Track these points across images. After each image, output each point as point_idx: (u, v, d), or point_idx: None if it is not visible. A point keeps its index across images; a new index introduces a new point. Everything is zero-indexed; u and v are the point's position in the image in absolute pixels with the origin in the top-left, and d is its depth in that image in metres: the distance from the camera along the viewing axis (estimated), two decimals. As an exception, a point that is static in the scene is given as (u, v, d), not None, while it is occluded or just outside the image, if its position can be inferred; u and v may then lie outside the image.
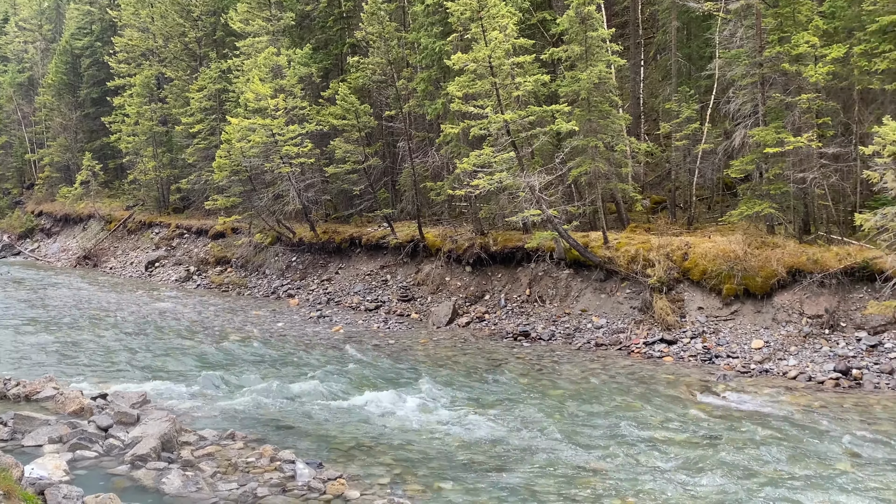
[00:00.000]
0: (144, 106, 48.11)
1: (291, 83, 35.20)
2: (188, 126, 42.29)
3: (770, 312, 20.90)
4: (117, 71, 52.15)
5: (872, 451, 13.59)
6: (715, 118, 27.91)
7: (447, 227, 30.90)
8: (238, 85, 37.44)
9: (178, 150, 46.02)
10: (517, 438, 14.54)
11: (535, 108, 24.22)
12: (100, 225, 51.71)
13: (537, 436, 14.68)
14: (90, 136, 60.10)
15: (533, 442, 14.34)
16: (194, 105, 42.04)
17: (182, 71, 47.29)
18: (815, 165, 22.24)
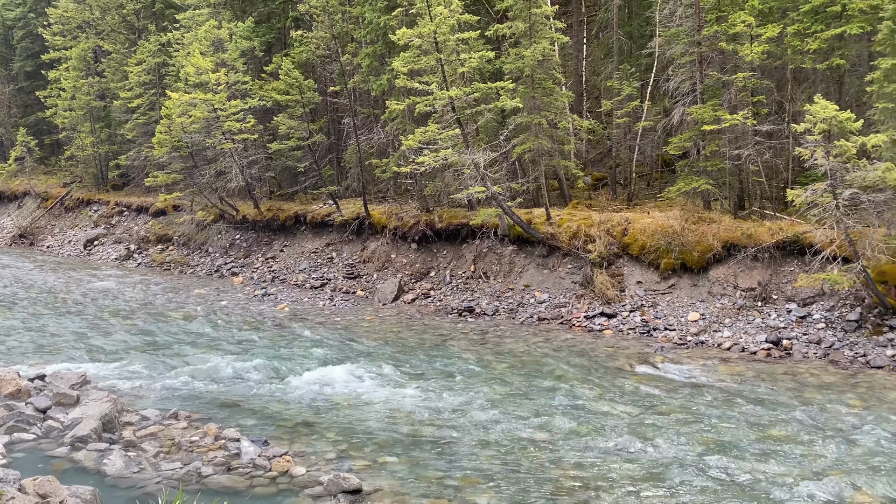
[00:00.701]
0: (81, 80, 46.52)
1: (233, 57, 34.51)
2: (127, 101, 41.15)
3: (706, 286, 21.51)
4: (52, 43, 50.26)
5: (800, 417, 14.13)
6: (655, 96, 28.37)
7: (393, 204, 30.83)
8: (178, 59, 36.55)
9: (117, 126, 44.76)
10: (462, 412, 14.72)
11: (479, 84, 24.27)
12: (36, 202, 50.05)
13: (482, 409, 14.88)
14: (24, 110, 58.03)
15: (477, 415, 14.54)
16: (133, 79, 40.90)
17: (120, 44, 45.91)
18: (750, 143, 22.83)
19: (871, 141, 17.47)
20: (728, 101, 23.33)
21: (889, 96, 19.73)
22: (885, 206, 17.90)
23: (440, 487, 11.48)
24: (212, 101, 31.41)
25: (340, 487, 11.12)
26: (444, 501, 11.03)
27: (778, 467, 11.88)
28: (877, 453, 12.34)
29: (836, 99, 21.91)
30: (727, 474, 11.67)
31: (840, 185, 17.59)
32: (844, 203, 17.65)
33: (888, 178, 17.19)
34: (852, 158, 17.38)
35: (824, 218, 18.03)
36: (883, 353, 17.42)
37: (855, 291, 18.76)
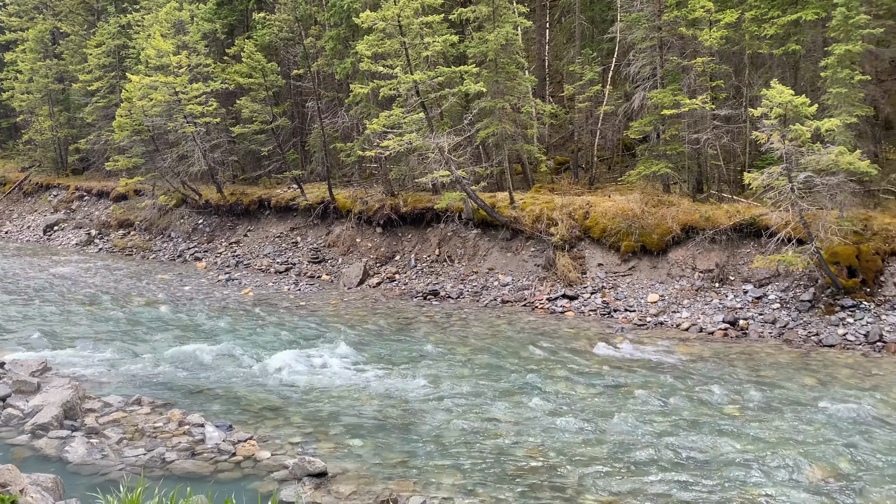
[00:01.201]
0: (39, 62, 45.38)
1: (195, 39, 33.94)
2: (86, 84, 40.30)
3: (665, 268, 21.82)
4: (8, 24, 48.94)
5: (756, 396, 14.43)
6: (616, 81, 28.54)
7: (358, 188, 30.67)
8: (139, 41, 35.86)
9: (76, 109, 43.85)
10: (426, 394, 14.78)
11: (444, 68, 24.19)
12: (-7, 187, 48.93)
13: (446, 391, 14.95)
14: (-21, 94, 56.50)
15: (442, 397, 14.60)
16: (92, 62, 40.04)
17: (79, 25, 44.88)
18: (709, 127, 23.12)
19: (825, 125, 17.81)
20: (687, 86, 23.58)
21: (842, 81, 20.12)
22: (837, 188, 18.26)
23: (405, 469, 11.54)
24: (173, 84, 30.90)
25: (306, 471, 11.12)
26: (409, 483, 11.07)
27: (735, 444, 12.12)
28: (830, 429, 12.66)
29: (792, 84, 22.27)
30: (686, 452, 11.88)
31: (795, 168, 17.89)
32: (799, 186, 17.96)
33: (841, 162, 17.54)
34: (807, 142, 17.68)
35: (780, 201, 18.34)
36: (835, 332, 17.85)
37: (809, 272, 19.17)
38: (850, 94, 20.22)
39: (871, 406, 13.57)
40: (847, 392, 14.44)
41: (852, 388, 14.68)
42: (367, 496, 10.62)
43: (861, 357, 16.75)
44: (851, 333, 17.71)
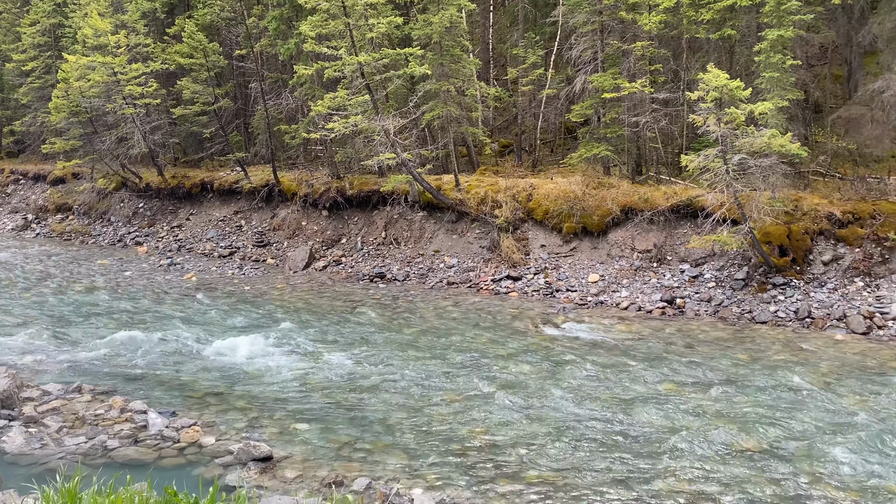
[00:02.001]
0: (-32, 41, 43.63)
1: (134, 18, 32.98)
2: (20, 64, 38.86)
3: (605, 248, 22.19)
4: (-67, 1, 46.77)
5: (692, 372, 14.84)
6: (558, 64, 28.72)
7: (303, 171, 30.33)
8: (75, 20, 34.66)
9: (10, 90, 42.27)
10: (373, 376, 14.80)
11: (388, 50, 24.00)
12: (-78, 171, 46.90)
13: (393, 372, 15.00)
14: None
15: (388, 379, 14.65)
16: (27, 41, 38.61)
17: (11, 3, 43.12)
18: (648, 110, 23.46)
19: (758, 109, 18.21)
20: (627, 70, 23.87)
21: (775, 66, 20.59)
22: (770, 170, 18.76)
23: (351, 451, 11.57)
24: (112, 65, 30.01)
25: (251, 455, 11.06)
26: (355, 465, 11.11)
27: (672, 419, 12.46)
28: (761, 403, 13.09)
29: (728, 68, 22.69)
30: (625, 427, 12.17)
31: (730, 150, 18.29)
32: (734, 168, 18.39)
33: (773, 144, 18.00)
34: (741, 125, 18.07)
35: (715, 182, 18.75)
36: (767, 310, 18.43)
37: (742, 252, 19.71)
38: (782, 78, 20.72)
39: (799, 379, 14.07)
40: (778, 367, 14.95)
41: (783, 363, 15.19)
42: (313, 479, 10.64)
43: (791, 333, 17.34)
44: (782, 310, 18.31)
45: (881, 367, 14.85)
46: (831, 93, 26.63)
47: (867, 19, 24.84)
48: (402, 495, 10.16)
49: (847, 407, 12.79)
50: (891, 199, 20.01)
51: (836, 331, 17.24)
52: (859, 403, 12.92)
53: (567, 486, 10.31)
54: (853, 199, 20.36)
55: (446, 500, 10.06)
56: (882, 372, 14.59)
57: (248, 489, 9.86)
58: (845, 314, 17.59)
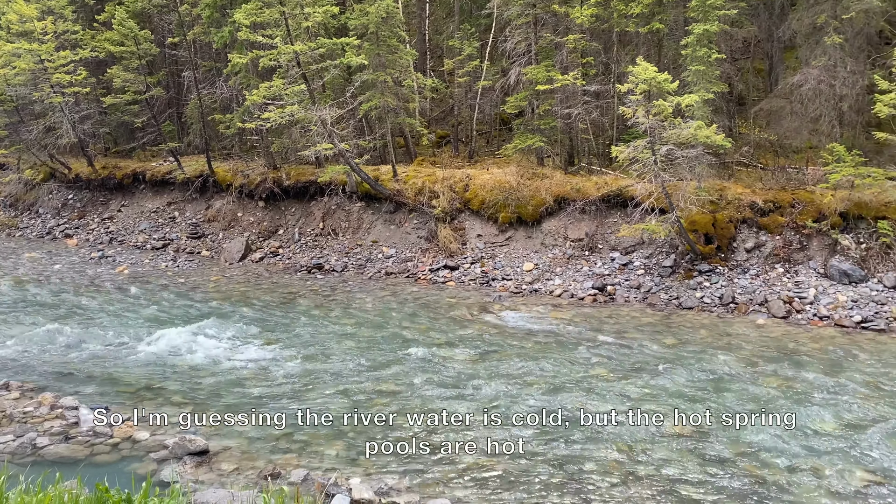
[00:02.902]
0: None
1: (61, 4, 31.74)
2: (-62, 50, 36.98)
3: (539, 237, 22.53)
4: None
5: (622, 356, 15.25)
6: (494, 56, 28.91)
7: (238, 161, 29.83)
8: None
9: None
10: (311, 368, 14.73)
11: (325, 40, 23.76)
12: None
13: (330, 363, 14.96)
14: None
15: (326, 370, 14.61)
16: (-57, 26, 36.75)
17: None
18: (580, 102, 23.86)
19: (685, 101, 18.71)
20: (560, 62, 24.20)
21: (701, 59, 21.17)
22: (696, 161, 19.30)
23: (289, 443, 11.51)
24: (38, 52, 28.89)
25: (186, 450, 10.91)
26: (292, 456, 11.07)
27: (602, 403, 12.78)
28: (688, 386, 13.52)
29: (656, 61, 23.26)
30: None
31: (658, 141, 18.74)
32: (662, 158, 18.87)
33: (699, 136, 18.52)
34: (669, 117, 18.53)
35: (644, 173, 19.21)
36: (693, 296, 19.02)
37: (670, 240, 20.27)
38: (707, 71, 21.32)
39: (724, 363, 14.60)
40: (704, 351, 15.47)
41: (708, 347, 15.72)
42: (251, 472, 10.56)
43: (716, 318, 17.94)
44: (708, 296, 18.93)
45: (800, 350, 15.52)
46: (754, 86, 27.53)
47: (787, 15, 25.71)
48: (340, 485, 10.18)
49: (768, 388, 13.32)
50: (808, 188, 20.85)
51: (758, 315, 17.92)
52: (780, 385, 13.46)
53: (502, 469, 10.49)
54: (774, 188, 21.15)
55: (384, 488, 10.13)
56: (800, 354, 15.24)
57: (184, 483, 9.76)
58: (767, 299, 18.29)
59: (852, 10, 22.15)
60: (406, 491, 10.07)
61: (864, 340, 16.09)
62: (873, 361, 14.68)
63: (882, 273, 18.40)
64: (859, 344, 15.83)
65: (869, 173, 19.10)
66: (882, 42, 24.94)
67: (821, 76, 22.58)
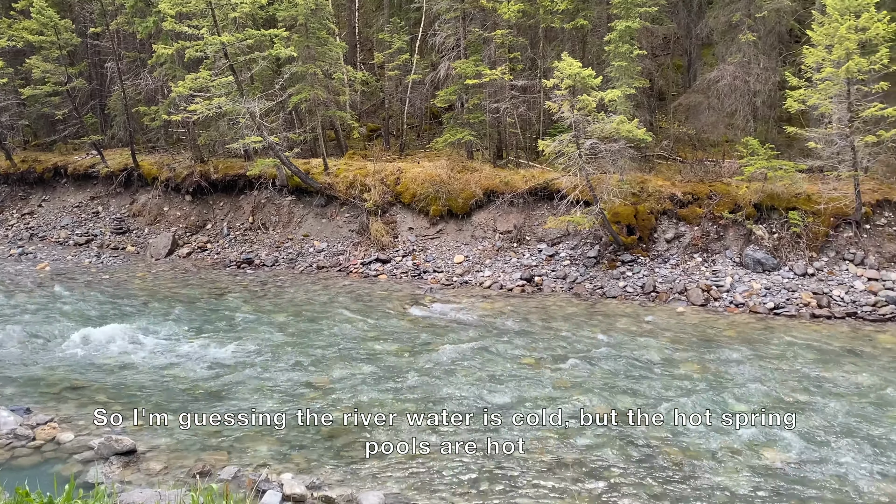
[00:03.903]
0: None
1: (-28, -8, 30.31)
2: None
3: (469, 230, 22.72)
4: None
5: (549, 345, 15.53)
6: (423, 50, 28.91)
7: (164, 154, 29.07)
8: None
9: None
10: (241, 364, 14.53)
11: (253, 31, 23.31)
12: None
13: (262, 359, 14.77)
14: None
15: (257, 365, 14.42)
16: None
17: None
18: (508, 96, 24.10)
19: (608, 96, 19.13)
20: (488, 57, 24.38)
21: (623, 55, 21.65)
22: (618, 154, 19.79)
23: (220, 440, 11.35)
24: (-52, 41, 27.53)
25: (113, 450, 10.65)
26: (223, 453, 10.92)
27: (531, 391, 13.01)
28: (612, 372, 13.89)
29: (581, 57, 23.65)
30: (488, 401, 12.59)
31: (582, 136, 19.13)
32: (586, 152, 19.25)
33: (621, 130, 18.98)
34: (592, 112, 18.93)
35: (569, 166, 19.59)
36: (616, 285, 19.51)
37: (594, 231, 20.72)
38: (629, 67, 21.82)
39: (646, 350, 15.04)
40: (627, 338, 15.90)
41: (631, 335, 16.17)
42: (180, 470, 10.38)
43: (638, 306, 18.46)
44: (630, 285, 19.45)
45: (717, 336, 16.12)
46: (673, 81, 28.32)
47: (704, 13, 26.53)
48: (272, 481, 10.11)
49: (688, 373, 13.79)
50: (725, 180, 21.60)
51: (678, 303, 18.52)
52: (699, 370, 13.96)
53: (433, 461, 10.59)
54: (692, 180, 21.84)
55: (316, 482, 10.11)
56: (717, 340, 15.84)
57: (110, 484, 9.54)
58: (686, 288, 18.92)
59: (765, 9, 23.02)
60: (338, 485, 10.07)
61: (776, 326, 16.82)
62: (785, 346, 15.36)
63: (793, 261, 19.25)
64: (772, 329, 16.54)
65: (781, 166, 19.90)
66: (792, 40, 26.00)
67: (736, 72, 23.41)
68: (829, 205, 19.42)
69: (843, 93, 18.43)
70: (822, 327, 16.69)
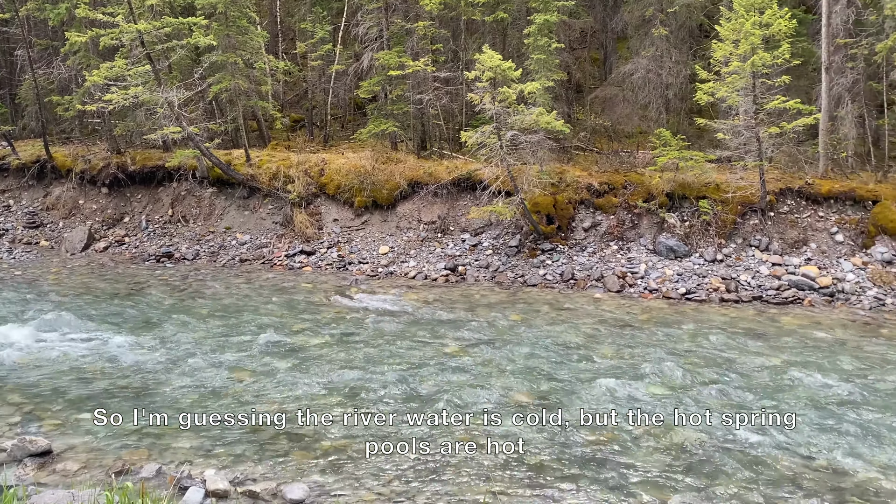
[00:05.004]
0: None
1: None
2: None
3: (394, 221, 22.72)
4: None
5: (473, 333, 15.71)
6: (346, 40, 28.63)
7: (79, 145, 27.97)
8: None
9: None
10: (162, 359, 14.17)
11: (171, 19, 22.63)
12: None
13: (183, 354, 14.45)
14: None
15: (178, 361, 14.09)
16: None
17: None
18: (431, 88, 24.14)
19: (527, 88, 19.39)
20: (411, 49, 24.35)
21: (541, 48, 21.98)
22: (538, 145, 20.11)
23: (139, 438, 11.06)
24: None
25: (27, 451, 10.26)
26: (143, 451, 10.66)
27: (456, 378, 13.14)
28: (533, 358, 14.15)
29: (501, 49, 23.88)
30: (413, 390, 12.65)
31: (503, 127, 19.36)
32: (507, 143, 19.50)
33: (541, 122, 19.30)
34: (513, 104, 19.17)
35: (491, 157, 19.81)
36: (536, 273, 19.88)
37: (516, 221, 21.03)
38: (548, 60, 22.17)
39: (565, 335, 15.40)
40: (547, 325, 16.24)
41: (551, 321, 16.52)
42: (98, 470, 10.08)
43: (558, 294, 18.86)
44: (550, 273, 19.84)
45: (632, 321, 16.63)
46: (590, 74, 28.92)
47: (619, 7, 27.17)
48: (194, 477, 9.94)
49: (605, 357, 14.18)
50: (639, 170, 22.22)
51: (595, 290, 19.00)
52: (615, 354, 14.38)
53: (358, 451, 10.59)
54: (608, 171, 22.38)
55: (240, 476, 9.99)
56: (632, 325, 16.34)
57: (22, 486, 9.20)
58: (603, 275, 19.42)
59: (676, 5, 23.73)
60: (263, 479, 9.97)
61: (688, 310, 17.47)
62: (695, 330, 15.97)
63: (703, 248, 20.00)
64: (684, 313, 17.18)
65: (691, 156, 20.61)
66: (702, 35, 26.90)
67: (649, 66, 24.09)
68: (737, 193, 20.23)
69: (748, 86, 19.19)
70: (731, 311, 17.42)
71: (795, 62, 19.75)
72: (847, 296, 17.92)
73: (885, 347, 14.86)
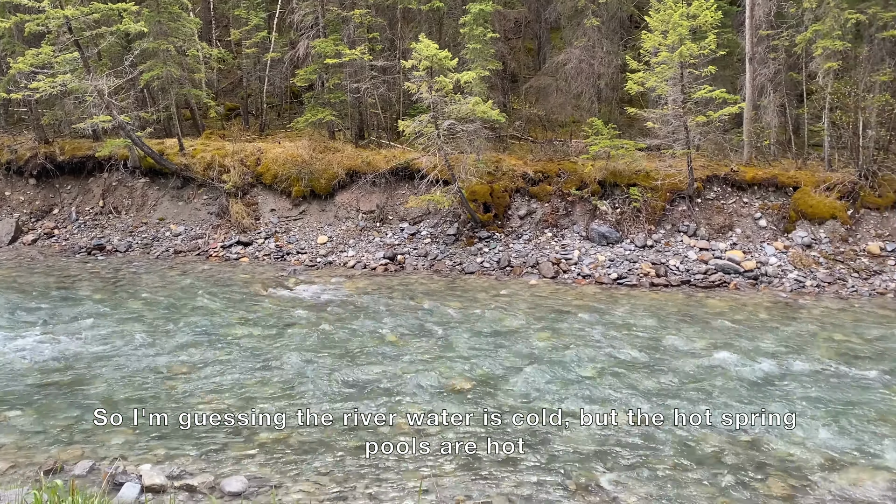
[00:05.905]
0: None
1: None
2: None
3: (333, 210, 22.57)
4: None
5: (412, 321, 15.79)
6: (282, 28, 28.16)
7: (5, 135, 26.83)
8: None
9: None
10: (95, 354, 13.83)
11: (99, 4, 21.80)
12: None
13: (116, 349, 14.14)
14: None
15: (111, 356, 13.79)
16: None
17: None
18: (368, 77, 23.99)
19: (464, 77, 19.45)
20: (347, 37, 24.12)
21: (477, 38, 22.06)
22: (474, 134, 20.22)
23: (72, 434, 10.82)
24: None
25: (-48, 453, 9.93)
26: (76, 447, 10.43)
27: (396, 367, 13.21)
28: (472, 344, 14.32)
29: (437, 39, 23.88)
30: (353, 379, 12.67)
31: (441, 116, 19.39)
32: (444, 132, 19.56)
33: (477, 111, 19.40)
34: (450, 93, 19.21)
35: (429, 146, 19.83)
36: (474, 261, 20.06)
37: (453, 209, 21.13)
38: (483, 49, 22.27)
39: (501, 321, 15.62)
40: (484, 312, 16.42)
41: (488, 308, 16.71)
42: (29, 468, 9.83)
43: (495, 280, 19.08)
44: (487, 261, 20.05)
45: (566, 306, 16.96)
46: (525, 64, 29.15)
47: (553, -2, 27.44)
48: (129, 473, 9.79)
49: (540, 342, 14.44)
50: (572, 159, 22.58)
51: (531, 277, 19.29)
52: (550, 338, 14.66)
53: (298, 442, 10.58)
54: (543, 160, 22.68)
55: (176, 471, 9.87)
56: (567, 309, 16.66)
57: (-51, 491, 8.90)
58: (538, 262, 19.72)
59: (607, -4, 24.10)
60: (200, 472, 9.88)
61: (620, 295, 17.90)
62: (626, 313, 16.40)
63: (634, 234, 20.48)
64: (616, 298, 17.60)
65: (622, 145, 21.05)
66: (633, 26, 27.39)
67: (582, 56, 24.43)
68: (666, 181, 20.77)
69: (677, 76, 19.68)
70: (661, 295, 17.93)
71: (721, 53, 20.33)
72: (770, 279, 18.64)
73: (804, 327, 15.55)
